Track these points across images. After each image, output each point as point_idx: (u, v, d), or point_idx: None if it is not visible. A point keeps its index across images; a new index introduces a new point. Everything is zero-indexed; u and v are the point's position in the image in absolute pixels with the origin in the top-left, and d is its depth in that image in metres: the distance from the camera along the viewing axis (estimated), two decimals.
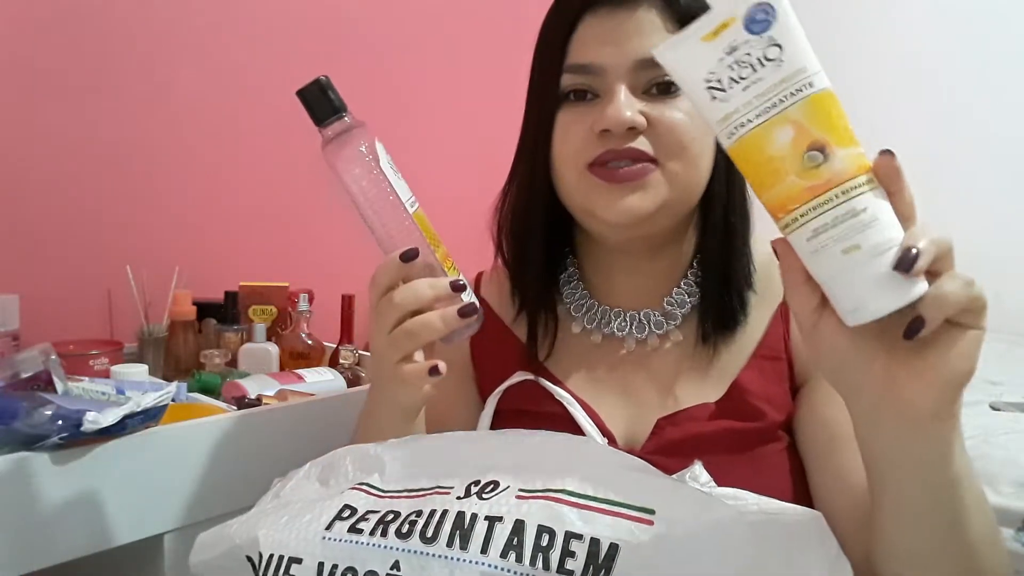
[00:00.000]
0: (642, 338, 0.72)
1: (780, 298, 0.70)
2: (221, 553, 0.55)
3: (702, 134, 0.65)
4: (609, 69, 0.64)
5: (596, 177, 0.64)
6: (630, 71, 0.63)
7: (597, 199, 0.65)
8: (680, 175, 0.64)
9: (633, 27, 0.63)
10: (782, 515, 0.46)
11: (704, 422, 0.67)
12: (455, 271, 0.64)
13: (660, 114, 0.63)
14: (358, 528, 0.50)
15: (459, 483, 0.51)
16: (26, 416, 0.69)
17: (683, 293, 0.72)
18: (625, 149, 0.63)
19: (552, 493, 0.48)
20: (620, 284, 0.73)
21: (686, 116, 0.64)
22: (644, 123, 0.63)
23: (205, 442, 0.82)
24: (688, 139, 0.64)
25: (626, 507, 0.46)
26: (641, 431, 0.69)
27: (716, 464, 0.60)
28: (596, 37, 0.65)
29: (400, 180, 0.63)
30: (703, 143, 0.65)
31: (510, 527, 0.46)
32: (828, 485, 0.64)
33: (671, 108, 0.63)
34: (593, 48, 0.65)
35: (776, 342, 0.69)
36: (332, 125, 0.63)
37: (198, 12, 1.38)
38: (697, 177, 0.66)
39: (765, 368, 0.69)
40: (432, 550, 0.47)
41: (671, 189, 0.65)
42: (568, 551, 0.45)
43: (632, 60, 0.63)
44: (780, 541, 0.46)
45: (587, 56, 0.65)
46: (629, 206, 0.64)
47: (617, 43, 0.63)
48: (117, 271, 1.21)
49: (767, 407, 0.67)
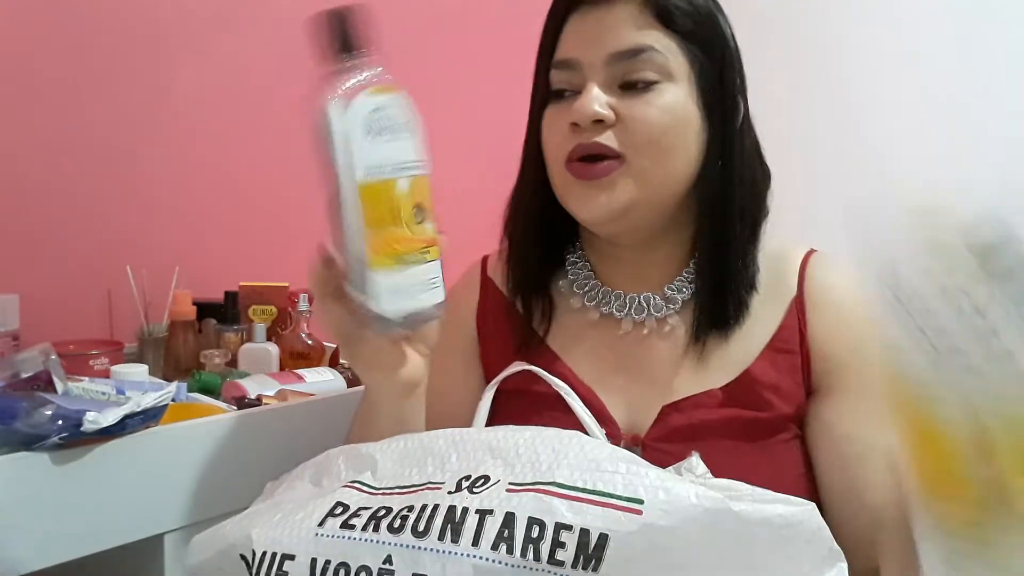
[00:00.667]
0: (639, 320, 0.72)
1: (794, 291, 0.70)
2: (216, 554, 0.56)
3: (676, 129, 0.65)
4: (584, 64, 0.66)
5: (570, 173, 0.66)
6: (604, 65, 0.65)
7: (571, 196, 0.68)
8: (648, 171, 0.65)
9: (610, 22, 0.65)
10: (774, 506, 0.47)
11: (711, 410, 0.67)
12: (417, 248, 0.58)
13: (630, 109, 0.64)
14: (350, 524, 0.51)
15: (450, 478, 0.52)
16: (26, 416, 0.69)
17: (684, 280, 0.72)
18: (591, 143, 0.64)
19: (542, 485, 0.48)
20: (621, 267, 0.74)
21: (658, 111, 0.64)
22: (612, 116, 0.64)
23: (205, 442, 0.82)
24: (658, 134, 0.64)
25: (616, 498, 0.47)
26: (643, 417, 0.69)
27: (722, 453, 0.60)
28: (576, 34, 0.67)
29: (362, 145, 0.56)
30: (676, 139, 0.65)
31: (501, 520, 0.47)
32: (842, 498, 0.64)
33: (643, 103, 0.64)
34: (572, 45, 0.67)
35: (790, 335, 0.69)
36: (333, 64, 0.58)
37: (198, 12, 1.38)
38: (669, 173, 0.66)
39: (778, 361, 0.69)
40: (424, 544, 0.48)
41: (640, 187, 0.65)
42: (558, 542, 0.45)
43: (606, 54, 0.65)
44: (771, 531, 0.46)
45: (567, 52, 0.67)
46: (598, 205, 0.65)
47: (593, 39, 0.66)
48: (117, 271, 1.21)
49: (776, 398, 0.67)
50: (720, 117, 0.68)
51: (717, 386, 0.68)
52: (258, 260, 1.49)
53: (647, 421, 0.68)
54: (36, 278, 1.19)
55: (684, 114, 0.66)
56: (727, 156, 0.68)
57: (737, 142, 0.69)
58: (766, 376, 0.68)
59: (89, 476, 0.72)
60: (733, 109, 0.69)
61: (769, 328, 0.70)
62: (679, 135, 0.65)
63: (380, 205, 0.56)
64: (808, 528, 0.47)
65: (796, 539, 0.47)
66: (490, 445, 0.54)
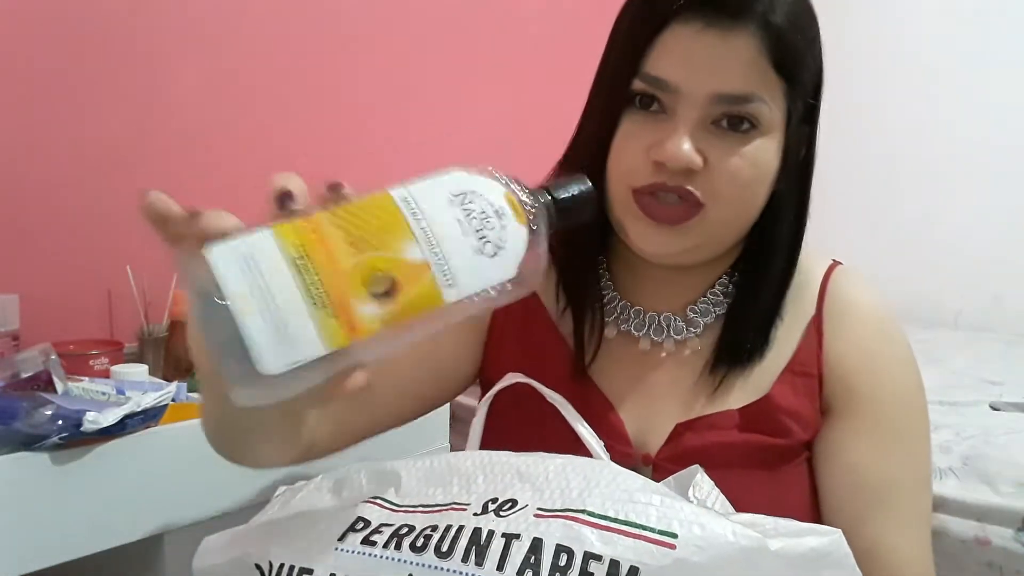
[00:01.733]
0: (659, 341, 0.69)
1: (812, 312, 0.68)
2: (228, 560, 0.55)
3: (760, 180, 0.61)
4: (684, 93, 0.58)
5: (638, 207, 0.61)
6: (706, 102, 0.58)
7: (633, 226, 0.62)
8: (725, 221, 0.62)
9: (723, 54, 0.57)
10: (807, 539, 0.46)
11: (726, 431, 0.65)
12: None
13: (720, 157, 0.59)
14: (371, 540, 0.50)
15: (476, 500, 0.51)
16: (26, 416, 0.69)
17: (708, 303, 0.69)
18: (674, 187, 0.59)
19: (572, 513, 0.47)
20: (646, 287, 0.70)
21: (749, 164, 0.59)
22: (700, 164, 0.58)
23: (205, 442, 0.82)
24: (744, 186, 0.60)
25: (648, 530, 0.45)
26: (655, 436, 0.66)
27: (734, 478, 0.58)
28: (680, 53, 0.59)
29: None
30: (759, 189, 0.62)
31: (528, 545, 0.45)
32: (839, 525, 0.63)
33: (734, 152, 0.59)
34: (674, 65, 0.59)
35: (808, 357, 0.67)
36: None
37: (198, 12, 1.38)
38: (742, 223, 0.63)
39: (797, 385, 0.66)
40: (447, 565, 0.46)
41: (711, 235, 0.62)
42: (587, 572, 0.44)
43: (711, 92, 0.58)
44: (805, 567, 0.46)
45: (665, 71, 0.59)
46: (661, 243, 0.61)
47: (700, 68, 0.58)
48: (117, 271, 1.21)
49: (795, 425, 0.65)
50: (795, 166, 0.65)
51: (735, 407, 0.66)
52: None
53: (659, 440, 0.66)
54: (36, 278, 1.19)
55: (769, 166, 0.61)
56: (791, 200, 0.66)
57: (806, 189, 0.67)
58: (785, 401, 0.65)
59: (89, 476, 0.72)
60: (809, 161, 0.66)
61: (788, 350, 0.67)
62: (761, 185, 0.62)
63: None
64: (836, 558, 0.47)
65: (825, 570, 0.46)
66: (519, 469, 0.52)
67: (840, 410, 0.66)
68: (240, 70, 1.44)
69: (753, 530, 0.46)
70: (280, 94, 1.50)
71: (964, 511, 0.92)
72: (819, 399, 0.67)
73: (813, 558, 0.46)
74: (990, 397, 1.33)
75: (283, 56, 1.50)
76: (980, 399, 1.32)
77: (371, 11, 1.67)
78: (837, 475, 0.65)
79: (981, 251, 2.08)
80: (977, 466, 0.98)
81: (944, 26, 2.20)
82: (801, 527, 0.47)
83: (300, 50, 1.52)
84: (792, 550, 0.45)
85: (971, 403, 1.28)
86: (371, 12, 1.67)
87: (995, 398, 1.33)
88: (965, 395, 1.33)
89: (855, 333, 0.67)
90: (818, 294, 0.68)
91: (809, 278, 0.69)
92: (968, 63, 2.15)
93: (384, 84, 1.70)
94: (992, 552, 0.90)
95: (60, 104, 1.22)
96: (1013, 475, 0.95)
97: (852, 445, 0.65)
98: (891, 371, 0.66)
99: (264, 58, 1.47)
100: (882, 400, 0.65)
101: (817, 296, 0.68)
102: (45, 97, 1.20)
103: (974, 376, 1.49)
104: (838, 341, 0.67)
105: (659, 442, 0.66)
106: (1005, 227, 2.07)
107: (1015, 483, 0.94)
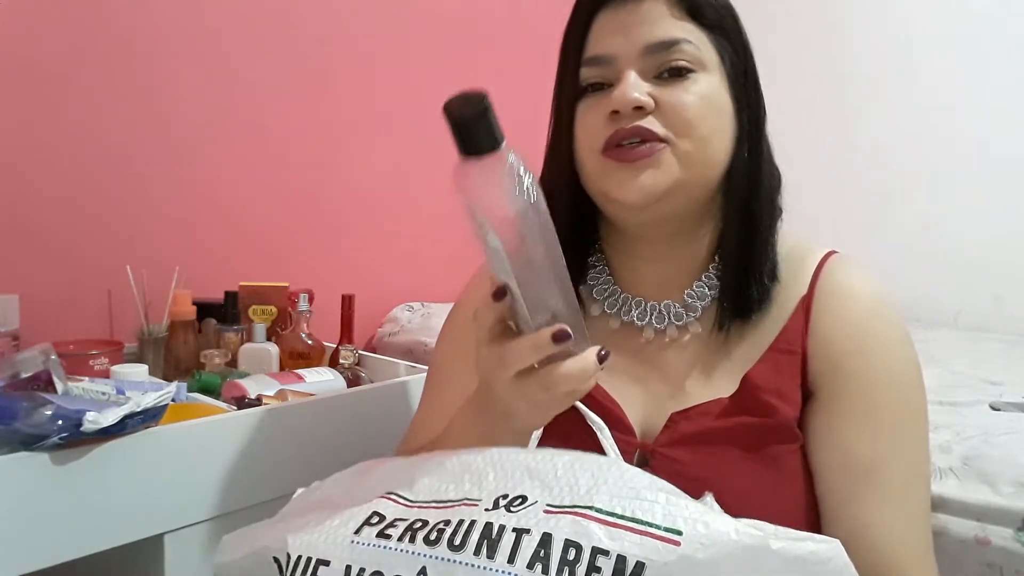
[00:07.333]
0: (661, 328, 0.72)
1: (803, 291, 0.70)
2: (246, 555, 0.57)
3: (713, 115, 0.66)
4: (619, 57, 0.67)
5: (609, 159, 0.66)
6: (639, 57, 0.66)
7: (611, 180, 0.67)
8: (691, 154, 0.66)
9: (640, 16, 0.67)
10: (805, 543, 0.47)
11: (717, 417, 0.67)
12: None
13: (668, 95, 0.65)
14: (386, 534, 0.52)
15: (487, 496, 0.53)
16: (26, 416, 0.69)
17: (704, 286, 0.72)
18: (633, 127, 0.65)
19: (580, 509, 0.49)
20: (643, 273, 0.74)
21: (696, 97, 0.66)
22: (651, 103, 0.65)
23: (205, 442, 0.82)
24: (697, 118, 0.65)
25: (654, 527, 0.47)
26: (655, 423, 0.69)
27: (728, 460, 0.60)
28: (607, 29, 0.68)
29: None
30: (714, 124, 0.67)
31: (537, 539, 0.47)
32: (843, 536, 0.64)
33: (680, 90, 0.66)
34: (604, 40, 0.68)
35: (794, 336, 0.69)
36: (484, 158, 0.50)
37: (198, 12, 1.38)
38: (709, 157, 0.67)
39: (780, 362, 0.68)
40: (459, 557, 0.48)
41: (683, 168, 0.66)
42: (594, 566, 0.45)
43: (640, 46, 0.66)
44: (804, 569, 0.46)
45: (600, 48, 0.68)
46: (643, 184, 0.65)
47: (626, 32, 0.67)
48: (117, 271, 1.21)
49: (778, 402, 0.67)
50: (747, 108, 0.70)
51: (726, 395, 0.68)
52: (258, 260, 1.49)
53: (657, 427, 0.69)
54: (36, 278, 1.19)
55: (719, 102, 0.67)
56: (754, 146, 0.70)
57: (763, 132, 0.71)
58: (765, 380, 0.67)
59: (89, 476, 0.72)
60: (758, 102, 0.71)
61: (776, 328, 0.70)
62: (716, 121, 0.67)
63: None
64: (835, 566, 0.47)
65: (824, 575, 0.47)
66: (528, 466, 0.54)
67: (829, 391, 0.67)
68: (240, 70, 1.44)
69: (755, 529, 0.47)
70: (280, 94, 1.50)
71: (964, 511, 0.92)
72: (801, 376, 0.68)
73: (814, 561, 0.47)
74: (990, 397, 1.33)
75: (283, 56, 1.50)
76: (980, 399, 1.31)
77: (371, 11, 1.67)
78: (827, 456, 0.66)
79: (981, 251, 2.08)
80: (977, 466, 0.97)
81: (944, 26, 2.20)
82: (799, 534, 0.48)
83: (300, 50, 1.52)
84: (791, 552, 0.46)
85: (971, 403, 1.28)
86: (371, 12, 1.67)
87: (995, 398, 1.32)
88: (965, 395, 1.32)
89: (846, 314, 0.68)
90: (812, 276, 0.70)
91: (805, 264, 0.72)
92: (968, 63, 2.15)
93: (384, 84, 1.70)
94: (992, 552, 0.89)
95: (60, 104, 1.22)
96: (1013, 475, 0.95)
97: (842, 425, 0.66)
98: (883, 353, 0.67)
99: (264, 58, 1.47)
100: (872, 382, 0.66)
101: (811, 278, 0.70)
102: (45, 97, 1.21)
103: (974, 376, 1.48)
104: (827, 321, 0.68)
105: (657, 430, 0.68)
106: (1005, 227, 2.07)
107: (1015, 483, 0.94)
